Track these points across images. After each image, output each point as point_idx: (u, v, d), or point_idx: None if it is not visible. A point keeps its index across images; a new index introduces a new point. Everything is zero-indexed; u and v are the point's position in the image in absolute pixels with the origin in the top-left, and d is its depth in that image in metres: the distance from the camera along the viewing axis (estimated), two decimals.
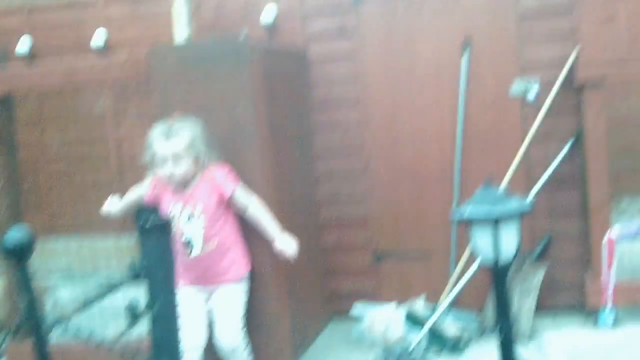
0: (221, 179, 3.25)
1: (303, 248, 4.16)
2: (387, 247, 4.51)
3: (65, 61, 5.43)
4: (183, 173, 3.19)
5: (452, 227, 4.29)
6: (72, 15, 6.78)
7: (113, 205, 3.44)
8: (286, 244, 3.28)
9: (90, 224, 4.29)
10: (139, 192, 3.40)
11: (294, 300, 3.72)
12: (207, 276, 3.27)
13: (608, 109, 4.00)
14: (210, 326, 3.30)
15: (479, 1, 4.28)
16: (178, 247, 3.14)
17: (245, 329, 3.35)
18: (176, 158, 3.16)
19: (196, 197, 3.22)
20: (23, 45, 6.69)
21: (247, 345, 3.35)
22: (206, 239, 3.21)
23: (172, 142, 3.17)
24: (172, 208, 3.22)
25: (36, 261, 3.66)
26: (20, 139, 4.64)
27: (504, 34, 4.25)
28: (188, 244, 3.21)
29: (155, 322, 2.06)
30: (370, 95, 4.44)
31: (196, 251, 3.22)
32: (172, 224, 3.07)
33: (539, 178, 4.18)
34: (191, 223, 3.20)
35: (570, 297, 4.25)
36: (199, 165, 3.23)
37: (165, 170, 3.17)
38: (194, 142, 3.19)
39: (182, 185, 3.23)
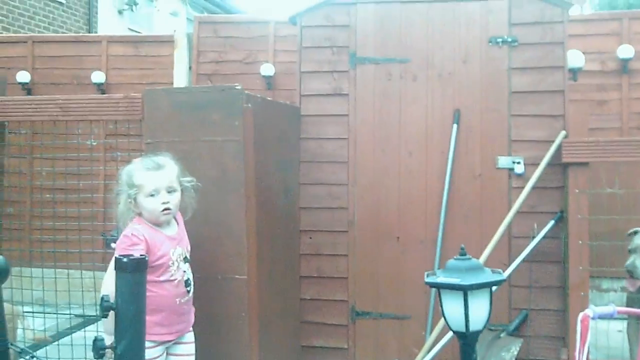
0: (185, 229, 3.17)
1: (280, 299, 4.17)
2: (364, 305, 4.49)
3: (62, 94, 5.51)
4: (177, 206, 3.05)
5: (431, 291, 4.29)
6: (74, 50, 6.91)
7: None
8: None
9: (69, 256, 4.27)
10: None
11: (264, 349, 3.68)
12: (184, 321, 3.12)
13: (593, 191, 4.08)
14: None
15: (472, 76, 4.40)
16: (177, 291, 3.00)
17: None
18: (170, 189, 3.01)
19: (183, 237, 3.13)
20: (24, 75, 6.79)
21: None
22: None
23: (165, 172, 3.01)
24: (173, 251, 3.02)
25: (11, 288, 3.65)
26: (9, 166, 4.68)
27: (495, 109, 4.35)
28: (187, 282, 3.06)
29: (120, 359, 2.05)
30: (360, 155, 4.50)
31: (192, 290, 3.10)
32: (172, 267, 2.97)
33: (520, 251, 4.21)
34: (186, 263, 3.09)
35: None
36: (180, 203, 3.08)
37: (160, 200, 2.97)
38: (179, 176, 3.08)
39: (167, 223, 3.07)
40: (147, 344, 2.28)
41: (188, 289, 3.07)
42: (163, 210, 2.99)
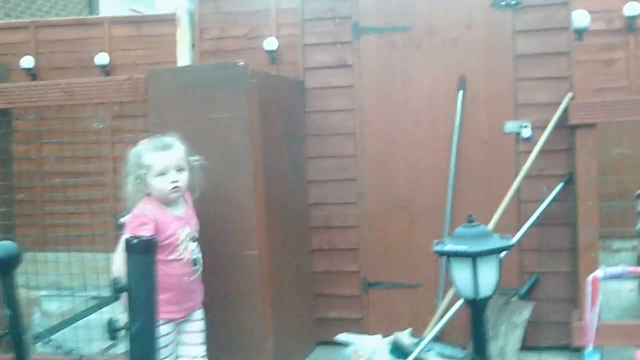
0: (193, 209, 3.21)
1: (292, 273, 4.20)
2: (376, 276, 4.52)
3: (67, 77, 5.51)
4: (186, 184, 3.09)
5: (441, 260, 4.31)
6: (77, 34, 6.88)
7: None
8: None
9: (81, 239, 4.31)
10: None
11: (279, 323, 3.73)
12: (193, 299, 3.19)
13: (601, 151, 4.06)
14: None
15: (476, 41, 4.36)
16: (185, 270, 3.05)
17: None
18: (179, 168, 3.04)
19: (192, 217, 3.17)
20: (27, 60, 6.78)
21: None
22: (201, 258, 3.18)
23: (173, 151, 3.04)
24: (181, 231, 3.07)
25: (26, 273, 3.70)
26: (17, 152, 4.70)
27: (500, 74, 4.32)
28: (195, 262, 3.11)
29: (134, 340, 2.07)
30: (366, 126, 4.50)
31: (200, 269, 3.14)
32: (180, 246, 3.02)
33: (530, 215, 4.21)
34: (194, 242, 3.13)
35: (557, 336, 4.26)
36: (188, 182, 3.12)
37: (169, 179, 3.00)
38: (187, 155, 3.11)
39: (176, 203, 3.11)
40: None
41: (196, 267, 3.12)
42: (172, 188, 3.02)
